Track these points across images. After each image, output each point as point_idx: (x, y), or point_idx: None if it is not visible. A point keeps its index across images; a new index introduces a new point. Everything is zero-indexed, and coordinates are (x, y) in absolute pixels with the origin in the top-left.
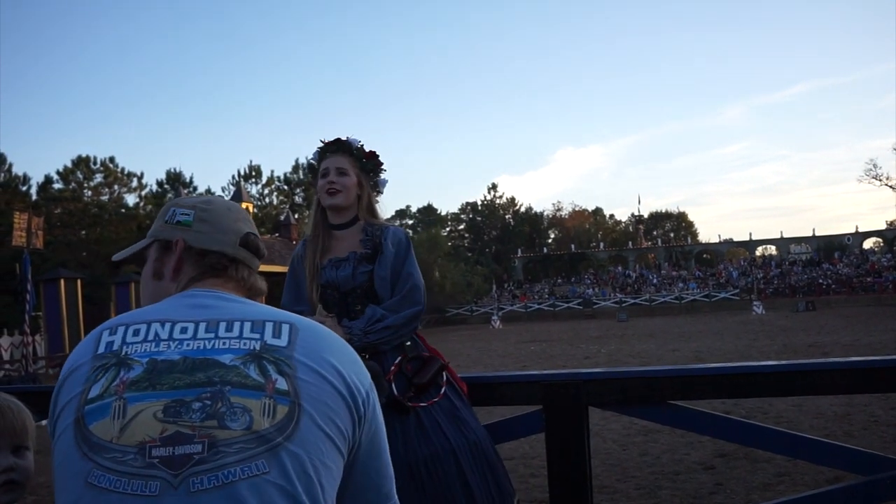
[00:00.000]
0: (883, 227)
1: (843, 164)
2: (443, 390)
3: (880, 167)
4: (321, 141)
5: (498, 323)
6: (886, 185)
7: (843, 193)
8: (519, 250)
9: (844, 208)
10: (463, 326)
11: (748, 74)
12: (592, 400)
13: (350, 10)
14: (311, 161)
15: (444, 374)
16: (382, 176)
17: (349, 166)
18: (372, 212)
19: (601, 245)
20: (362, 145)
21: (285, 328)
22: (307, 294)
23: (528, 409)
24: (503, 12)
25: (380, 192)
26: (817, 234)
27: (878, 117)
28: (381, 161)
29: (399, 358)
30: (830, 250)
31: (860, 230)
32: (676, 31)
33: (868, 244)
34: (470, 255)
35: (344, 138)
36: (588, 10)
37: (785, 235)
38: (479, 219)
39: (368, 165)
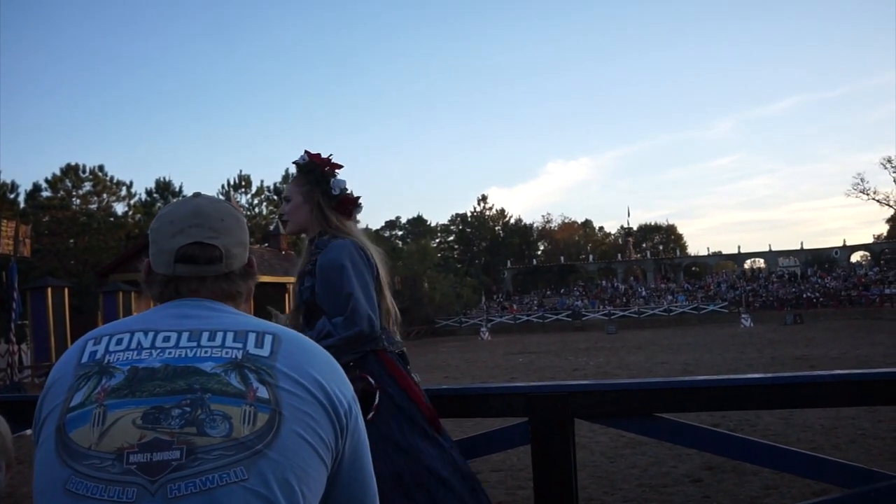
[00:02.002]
0: (870, 240)
1: (831, 178)
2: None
3: (867, 181)
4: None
5: (487, 334)
6: (874, 199)
7: (831, 207)
8: (508, 262)
9: (832, 222)
10: (452, 338)
11: (738, 88)
12: (579, 412)
13: (344, 21)
14: None
15: (373, 398)
16: (335, 178)
17: (294, 189)
18: (326, 222)
19: (590, 257)
20: (305, 154)
21: (268, 338)
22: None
23: (514, 420)
24: (495, 25)
25: (335, 196)
26: (805, 247)
27: (865, 132)
28: (328, 162)
29: None
30: (819, 263)
31: (848, 244)
32: (667, 45)
33: (856, 258)
34: (459, 266)
35: (293, 161)
36: (579, 24)
37: (773, 248)
38: (468, 230)
39: (313, 177)
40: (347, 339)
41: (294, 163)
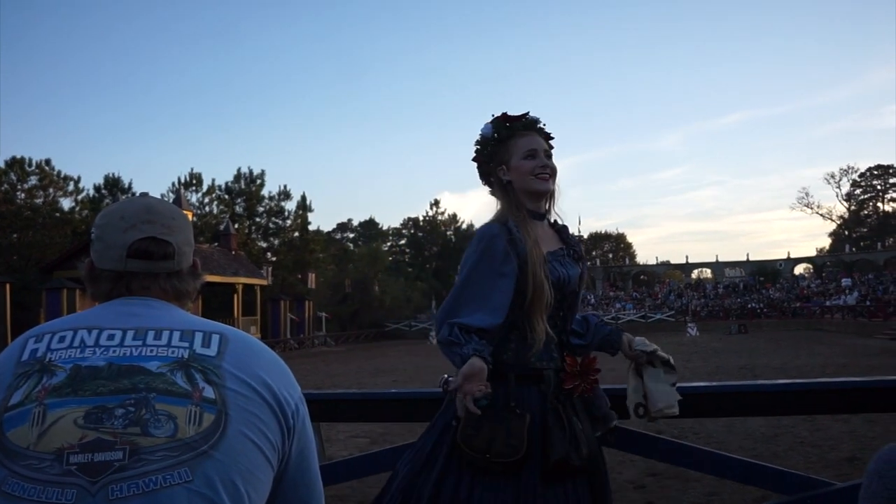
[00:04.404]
0: (813, 253)
1: (776, 192)
2: None
3: (812, 196)
4: (502, 115)
5: (435, 339)
6: (817, 213)
7: (776, 220)
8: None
9: (777, 234)
10: (401, 341)
11: (689, 102)
12: None
13: (298, 20)
14: (491, 134)
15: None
16: None
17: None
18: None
19: None
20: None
21: (215, 338)
22: (533, 297)
23: None
24: (451, 32)
25: None
26: (751, 258)
27: (810, 147)
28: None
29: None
30: (764, 275)
31: (792, 256)
32: (619, 57)
33: (799, 270)
34: (410, 270)
35: (529, 115)
36: (535, 34)
37: (720, 259)
38: (420, 234)
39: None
40: None
41: (542, 126)
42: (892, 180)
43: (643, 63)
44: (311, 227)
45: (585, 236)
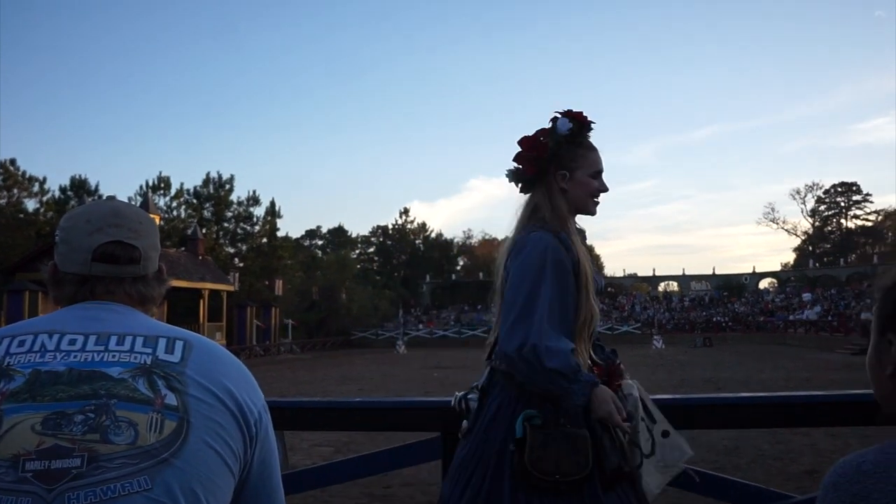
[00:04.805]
0: (778, 268)
1: (743, 207)
2: None
3: (777, 211)
4: (579, 115)
5: (403, 348)
6: (782, 228)
7: (742, 235)
8: (427, 276)
9: (743, 249)
10: (367, 350)
11: (660, 115)
12: None
13: (265, 24)
14: (567, 132)
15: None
16: None
17: None
18: None
19: None
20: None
21: (179, 344)
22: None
23: (427, 435)
24: (424, 39)
25: None
26: (717, 272)
27: (776, 163)
28: None
29: None
30: (729, 289)
31: (757, 271)
32: (595, 70)
33: (764, 284)
34: (378, 278)
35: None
36: (508, 45)
37: (687, 273)
38: (389, 242)
39: None
40: None
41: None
42: (855, 198)
43: (617, 75)
44: (279, 234)
45: None
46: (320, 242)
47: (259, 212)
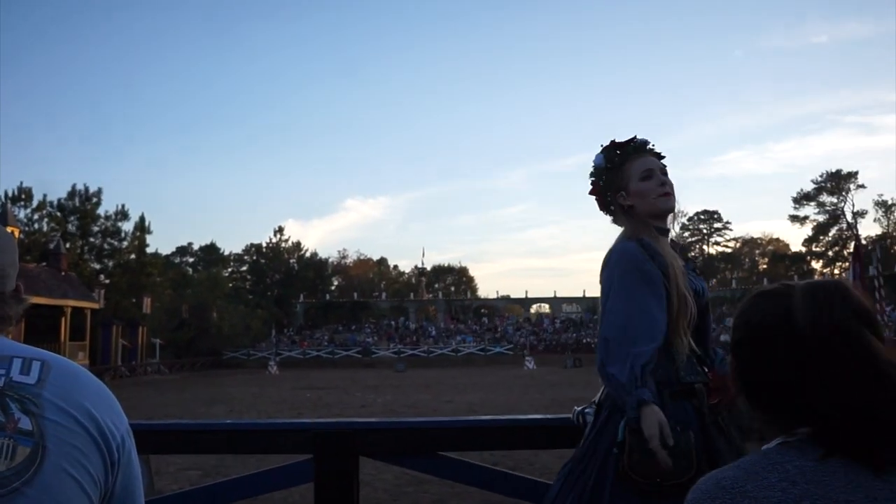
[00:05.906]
0: None
1: (610, 233)
2: None
3: None
4: (611, 143)
5: (275, 368)
6: None
7: None
8: (301, 296)
9: None
10: (239, 370)
11: (531, 143)
12: (363, 450)
13: (140, 31)
14: (604, 163)
15: None
16: None
17: None
18: None
19: (384, 295)
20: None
21: (36, 365)
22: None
23: (299, 457)
24: (303, 57)
25: None
26: (587, 295)
27: None
28: None
29: None
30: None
31: None
32: (470, 95)
33: None
34: (251, 297)
35: (637, 138)
36: (389, 67)
37: (558, 295)
38: (262, 261)
39: None
40: None
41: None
42: (716, 225)
43: (490, 100)
44: (148, 250)
45: (428, 268)
46: (191, 260)
47: (127, 227)
